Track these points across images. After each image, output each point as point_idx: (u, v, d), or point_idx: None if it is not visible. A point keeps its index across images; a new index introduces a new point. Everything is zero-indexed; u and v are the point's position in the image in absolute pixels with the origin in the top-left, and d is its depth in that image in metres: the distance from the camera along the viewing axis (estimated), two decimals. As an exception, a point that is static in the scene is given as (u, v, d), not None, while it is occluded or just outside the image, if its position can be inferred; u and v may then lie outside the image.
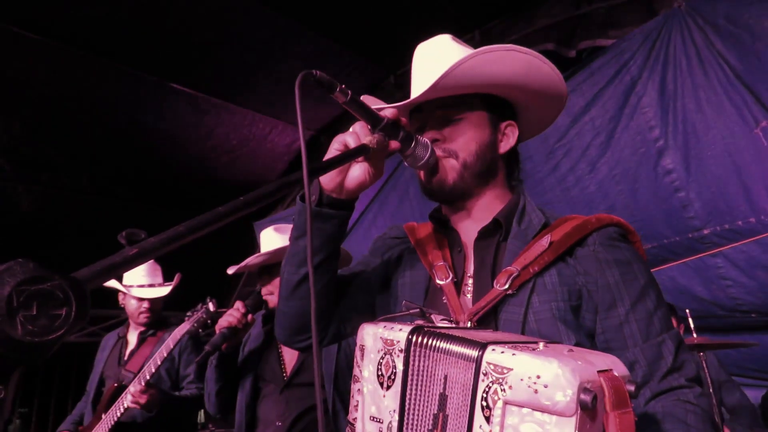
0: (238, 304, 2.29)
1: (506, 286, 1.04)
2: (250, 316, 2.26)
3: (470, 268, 1.16)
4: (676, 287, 3.34)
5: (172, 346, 2.64)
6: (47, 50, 3.50)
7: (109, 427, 2.70)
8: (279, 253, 2.27)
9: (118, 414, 2.68)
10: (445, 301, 1.11)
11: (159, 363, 2.62)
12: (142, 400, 2.57)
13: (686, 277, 3.31)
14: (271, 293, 2.32)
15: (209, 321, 2.62)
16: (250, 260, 2.39)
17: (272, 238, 2.40)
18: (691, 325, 2.80)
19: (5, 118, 3.85)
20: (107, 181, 4.70)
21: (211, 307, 2.66)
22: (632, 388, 0.76)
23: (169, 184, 5.02)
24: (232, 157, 4.97)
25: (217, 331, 2.22)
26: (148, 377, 2.61)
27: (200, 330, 2.66)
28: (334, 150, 1.02)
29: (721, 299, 3.26)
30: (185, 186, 5.09)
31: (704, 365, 2.66)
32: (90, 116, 4.13)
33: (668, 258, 3.26)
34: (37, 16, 3.31)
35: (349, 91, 1.00)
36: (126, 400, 2.63)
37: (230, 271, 2.58)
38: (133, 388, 2.60)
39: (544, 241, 1.08)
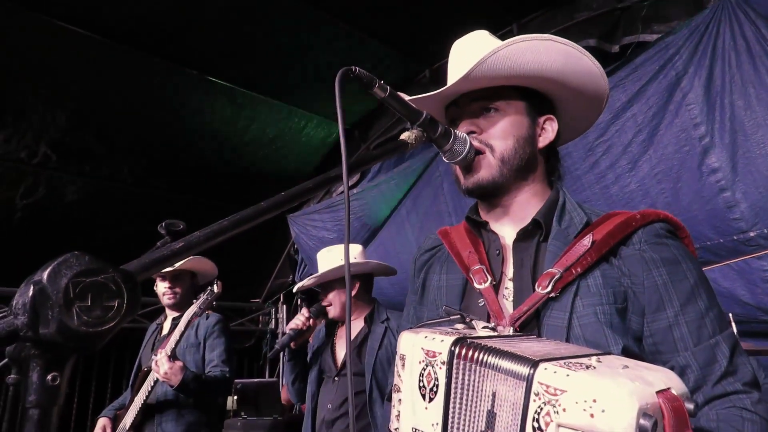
0: (304, 310, 2.82)
1: (548, 289, 0.99)
2: (312, 321, 2.75)
3: (509, 271, 1.11)
4: (718, 290, 3.18)
5: (183, 329, 2.83)
6: (91, 45, 3.60)
7: (139, 406, 2.80)
8: (327, 275, 2.74)
9: (147, 391, 2.78)
10: (482, 304, 1.07)
11: (178, 338, 2.80)
12: (167, 365, 2.65)
13: (729, 280, 3.18)
14: (329, 305, 2.76)
15: (214, 303, 2.93)
16: (304, 282, 2.94)
17: (324, 260, 2.84)
18: (734, 330, 2.70)
19: (52, 110, 3.99)
20: (147, 173, 4.82)
21: (215, 289, 2.92)
22: (692, 406, 0.72)
23: (207, 176, 5.11)
24: (268, 150, 5.04)
25: (287, 331, 2.76)
26: (169, 352, 2.72)
27: (206, 311, 2.97)
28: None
29: (766, 303, 3.13)
30: (222, 178, 5.18)
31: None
32: (131, 109, 4.24)
33: (710, 260, 3.14)
34: (82, 11, 3.42)
35: (388, 87, 0.98)
36: (152, 375, 2.75)
37: (295, 289, 3.15)
38: (159, 356, 2.70)
39: (586, 241, 1.03)
